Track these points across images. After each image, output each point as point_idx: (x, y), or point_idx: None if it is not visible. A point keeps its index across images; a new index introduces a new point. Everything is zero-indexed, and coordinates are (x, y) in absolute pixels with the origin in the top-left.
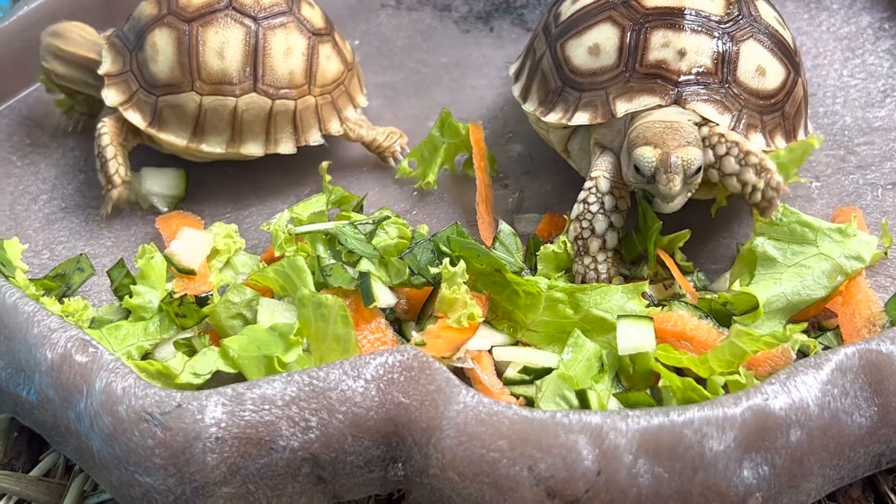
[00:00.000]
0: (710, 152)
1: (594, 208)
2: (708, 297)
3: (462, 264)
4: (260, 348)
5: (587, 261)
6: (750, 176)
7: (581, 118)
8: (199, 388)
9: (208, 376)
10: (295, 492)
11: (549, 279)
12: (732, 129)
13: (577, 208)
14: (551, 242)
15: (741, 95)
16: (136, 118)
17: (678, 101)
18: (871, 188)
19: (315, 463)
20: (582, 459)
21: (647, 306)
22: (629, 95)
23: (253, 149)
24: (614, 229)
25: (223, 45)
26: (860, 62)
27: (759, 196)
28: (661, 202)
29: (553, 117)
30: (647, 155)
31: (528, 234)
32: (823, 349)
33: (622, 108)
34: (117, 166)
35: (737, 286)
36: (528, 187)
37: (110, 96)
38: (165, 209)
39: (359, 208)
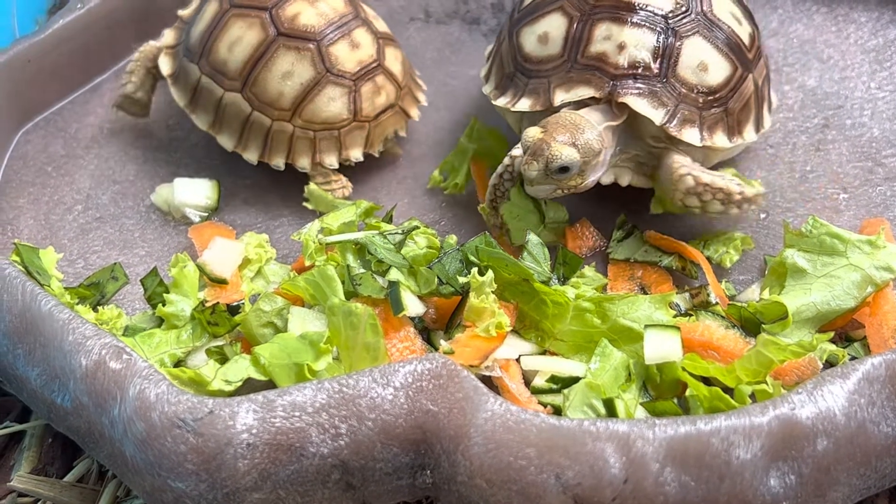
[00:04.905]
0: (696, 198)
1: (507, 185)
2: (738, 305)
3: (490, 274)
4: (290, 356)
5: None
6: (717, 207)
7: (524, 104)
8: (231, 395)
9: (240, 383)
10: (324, 498)
11: (577, 289)
12: (666, 124)
13: (493, 178)
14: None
15: (679, 90)
16: (165, 65)
17: (612, 94)
18: None
19: (345, 470)
20: (609, 467)
21: (675, 316)
22: (568, 86)
23: (226, 142)
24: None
25: (237, 41)
26: (888, 74)
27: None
28: (526, 182)
29: (502, 101)
30: (529, 133)
31: (555, 244)
32: (850, 360)
33: (560, 97)
34: (131, 76)
35: (766, 296)
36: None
37: (167, 35)
38: (198, 219)
39: (388, 219)
